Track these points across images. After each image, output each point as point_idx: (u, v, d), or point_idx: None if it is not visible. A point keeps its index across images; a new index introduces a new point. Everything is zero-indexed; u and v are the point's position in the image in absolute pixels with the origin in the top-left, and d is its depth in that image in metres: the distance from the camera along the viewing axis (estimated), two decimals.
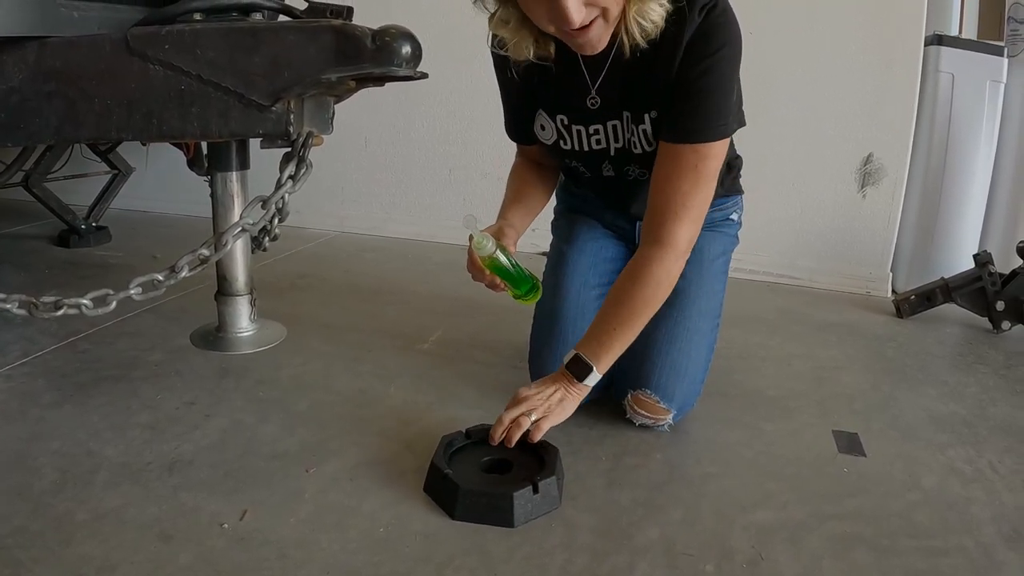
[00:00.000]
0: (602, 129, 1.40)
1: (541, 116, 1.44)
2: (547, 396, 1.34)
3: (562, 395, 1.34)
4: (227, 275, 1.77)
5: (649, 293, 1.32)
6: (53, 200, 2.64)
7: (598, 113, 1.39)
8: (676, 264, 1.33)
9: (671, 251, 1.31)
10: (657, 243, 1.31)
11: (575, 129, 1.42)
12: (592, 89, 1.37)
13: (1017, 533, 1.20)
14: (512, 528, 1.15)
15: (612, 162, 1.46)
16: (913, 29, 2.46)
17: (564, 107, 1.41)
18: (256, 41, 1.26)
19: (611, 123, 1.39)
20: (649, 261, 1.32)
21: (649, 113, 1.34)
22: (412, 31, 1.28)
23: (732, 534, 1.16)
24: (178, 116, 1.30)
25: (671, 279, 1.33)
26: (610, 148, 1.43)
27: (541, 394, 1.34)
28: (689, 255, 1.34)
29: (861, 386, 1.76)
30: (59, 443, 1.33)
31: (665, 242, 1.31)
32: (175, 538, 1.08)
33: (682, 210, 1.30)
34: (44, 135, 1.33)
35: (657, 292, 1.32)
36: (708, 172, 1.30)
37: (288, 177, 1.35)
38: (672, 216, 1.30)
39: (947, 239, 2.58)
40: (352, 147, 2.97)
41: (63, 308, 1.33)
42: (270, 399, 1.54)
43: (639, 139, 1.38)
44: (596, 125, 1.40)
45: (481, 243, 1.32)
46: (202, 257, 1.36)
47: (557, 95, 1.40)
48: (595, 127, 1.40)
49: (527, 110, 1.47)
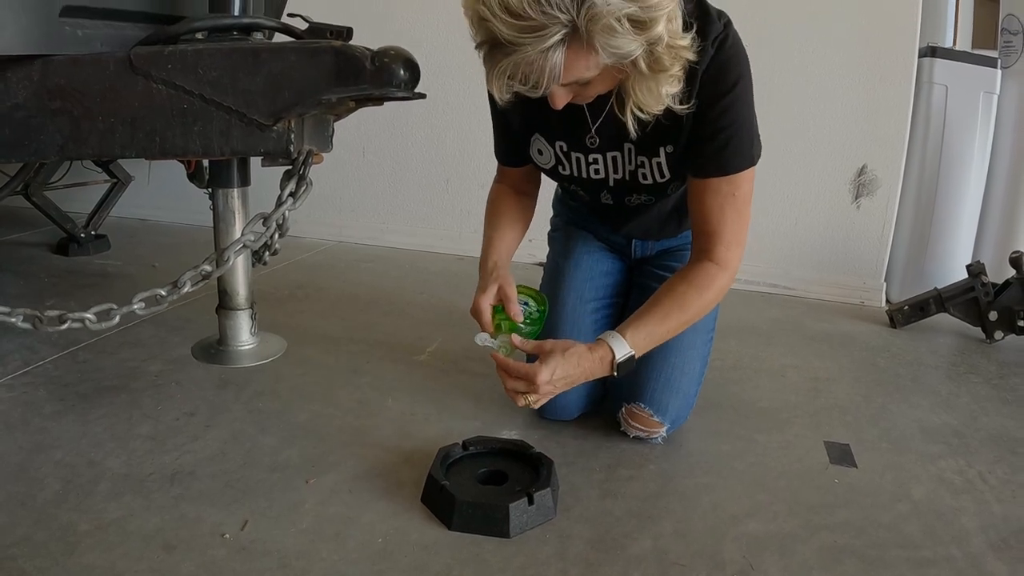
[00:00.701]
0: (601, 159, 1.41)
1: (539, 140, 1.44)
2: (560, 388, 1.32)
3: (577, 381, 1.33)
4: (228, 289, 1.79)
5: (706, 304, 1.37)
6: (52, 208, 2.65)
7: (597, 148, 1.40)
8: (728, 285, 1.38)
9: (727, 273, 1.36)
10: (715, 263, 1.35)
11: (574, 156, 1.43)
12: (592, 128, 1.38)
13: (1005, 543, 1.22)
14: (508, 538, 1.17)
15: (611, 192, 1.47)
16: (907, 41, 2.49)
17: (562, 135, 1.41)
18: (258, 62, 1.28)
19: (611, 154, 1.40)
20: (713, 276, 1.35)
21: (665, 147, 1.35)
22: (410, 52, 1.30)
23: (724, 545, 1.18)
24: (181, 134, 1.32)
25: (722, 295, 1.39)
26: (609, 179, 1.44)
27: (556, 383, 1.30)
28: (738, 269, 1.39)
29: (854, 397, 1.78)
30: (61, 453, 1.35)
31: (723, 264, 1.35)
32: (178, 548, 1.10)
33: (732, 236, 1.35)
34: (49, 151, 1.35)
35: (711, 305, 1.38)
36: (744, 197, 1.34)
37: (289, 194, 1.37)
38: (723, 243, 1.34)
39: (941, 250, 2.60)
40: (350, 157, 2.99)
41: (67, 322, 1.34)
42: (269, 410, 1.55)
43: (651, 171, 1.39)
44: (595, 155, 1.41)
45: (507, 350, 1.38)
46: (204, 273, 1.38)
47: (555, 124, 1.40)
48: (594, 156, 1.41)
49: (522, 135, 1.46)
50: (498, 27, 1.00)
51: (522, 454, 1.33)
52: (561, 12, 0.99)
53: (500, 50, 1.04)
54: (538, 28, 0.99)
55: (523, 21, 0.99)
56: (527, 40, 1.00)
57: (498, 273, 1.43)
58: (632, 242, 1.65)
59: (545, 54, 1.02)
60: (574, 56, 1.04)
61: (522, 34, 1.00)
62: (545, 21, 0.99)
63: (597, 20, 1.00)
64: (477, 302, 1.39)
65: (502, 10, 0.99)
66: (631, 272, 1.68)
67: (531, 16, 0.99)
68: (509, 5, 0.99)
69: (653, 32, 1.04)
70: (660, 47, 1.07)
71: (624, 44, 1.03)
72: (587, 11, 0.99)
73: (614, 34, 1.02)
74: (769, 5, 2.52)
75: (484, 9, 1.01)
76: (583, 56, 1.05)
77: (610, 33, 1.01)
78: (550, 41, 1.00)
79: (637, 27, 1.03)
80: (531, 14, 0.99)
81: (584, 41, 1.02)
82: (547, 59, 1.02)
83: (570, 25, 1.00)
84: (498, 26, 1.00)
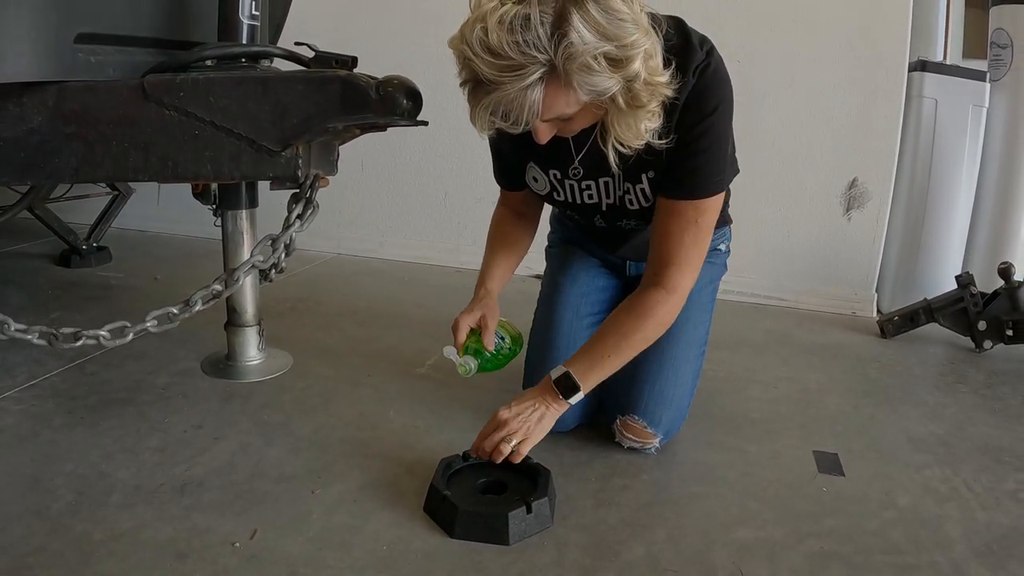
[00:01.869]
0: (594, 185, 1.45)
1: (533, 169, 1.49)
2: (526, 417, 1.35)
3: (542, 413, 1.36)
4: (237, 307, 1.82)
5: (648, 332, 1.37)
6: (55, 220, 2.67)
7: (584, 176, 1.44)
8: (677, 308, 1.38)
9: (675, 296, 1.36)
10: (662, 287, 1.36)
11: (568, 183, 1.47)
12: (575, 160, 1.42)
13: (989, 549, 1.26)
14: (507, 546, 1.21)
15: (604, 217, 1.51)
16: (897, 55, 2.53)
17: (554, 164, 1.46)
18: (267, 90, 1.33)
19: (602, 180, 1.44)
20: (654, 303, 1.36)
21: (646, 173, 1.38)
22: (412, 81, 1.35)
23: (714, 551, 1.22)
24: (192, 159, 1.36)
25: (669, 321, 1.39)
26: (602, 203, 1.48)
27: (521, 415, 1.35)
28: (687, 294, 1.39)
29: (843, 408, 1.82)
30: (73, 465, 1.38)
31: (670, 288, 1.36)
32: (190, 557, 1.14)
33: (685, 261, 1.35)
34: (63, 175, 1.39)
35: (656, 331, 1.38)
36: (707, 224, 1.36)
37: (296, 217, 1.42)
38: (676, 266, 1.35)
39: (931, 261, 2.64)
40: (349, 171, 3.00)
41: (82, 339, 1.38)
42: (275, 423, 1.59)
43: (636, 197, 1.43)
44: (588, 181, 1.45)
45: (466, 370, 1.50)
46: (215, 292, 1.42)
47: (545, 154, 1.44)
48: (587, 183, 1.45)
49: (517, 161, 1.51)
50: (480, 66, 1.05)
51: (520, 464, 1.36)
52: (539, 52, 1.03)
53: (482, 88, 1.08)
54: (517, 67, 1.04)
55: (503, 60, 1.04)
56: (507, 79, 1.05)
57: (487, 301, 1.52)
58: (627, 262, 1.69)
59: (524, 92, 1.06)
60: (553, 94, 1.08)
61: (502, 73, 1.04)
62: (524, 61, 1.03)
63: (574, 59, 1.04)
64: (458, 319, 1.49)
65: (484, 50, 1.04)
66: (626, 288, 1.71)
67: (511, 56, 1.03)
68: (490, 45, 1.03)
69: (630, 70, 1.08)
70: (638, 84, 1.11)
71: (601, 82, 1.08)
72: (564, 50, 1.03)
73: (591, 72, 1.06)
74: (761, 20, 2.57)
75: (467, 49, 1.05)
76: (562, 94, 1.09)
77: (587, 71, 1.05)
78: (529, 80, 1.05)
79: (614, 65, 1.07)
80: (511, 54, 1.03)
81: (562, 80, 1.06)
82: (526, 97, 1.07)
83: (548, 64, 1.04)
84: (480, 65, 1.04)
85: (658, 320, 1.37)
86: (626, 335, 1.37)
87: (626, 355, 1.38)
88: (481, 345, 1.50)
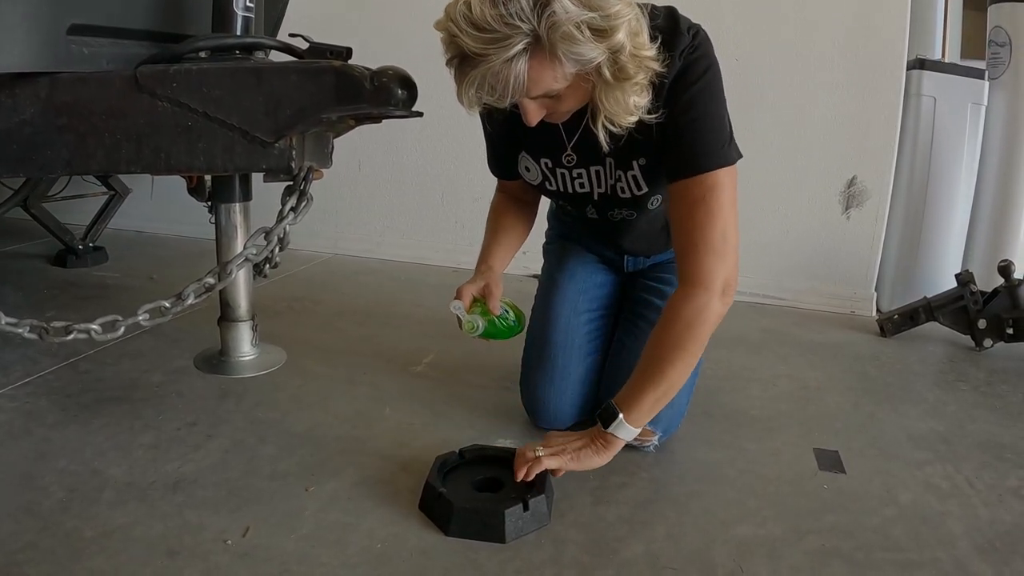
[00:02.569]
0: (585, 173, 1.44)
1: (525, 159, 1.48)
2: (568, 443, 1.33)
3: (583, 444, 1.33)
4: (230, 302, 1.81)
5: (676, 333, 1.27)
6: (51, 220, 2.67)
7: (576, 164, 1.44)
8: (708, 303, 1.26)
9: (700, 289, 1.26)
10: (687, 282, 1.29)
11: (559, 172, 1.46)
12: (568, 147, 1.41)
13: (991, 545, 1.25)
14: (504, 544, 1.19)
15: (595, 206, 1.50)
16: (895, 54, 2.53)
17: (545, 152, 1.45)
18: (260, 81, 1.31)
19: (594, 168, 1.43)
20: (678, 300, 1.29)
21: (638, 160, 1.37)
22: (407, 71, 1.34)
23: (714, 549, 1.21)
24: (185, 151, 1.35)
25: (704, 319, 1.27)
26: (593, 193, 1.47)
27: (565, 442, 1.34)
28: (729, 293, 1.29)
29: (843, 405, 1.81)
30: (65, 462, 1.37)
31: (694, 280, 1.28)
32: (181, 554, 1.13)
33: (703, 245, 1.27)
34: (55, 167, 1.37)
35: (687, 332, 1.27)
36: (719, 202, 1.27)
37: (290, 209, 1.40)
38: (694, 253, 1.28)
39: (930, 259, 2.63)
40: (346, 171, 3.01)
41: (73, 333, 1.37)
42: (269, 420, 1.58)
43: (627, 184, 1.41)
44: (579, 169, 1.44)
45: (472, 326, 1.46)
46: (207, 285, 1.41)
47: (537, 142, 1.44)
48: (578, 171, 1.44)
49: (510, 151, 1.51)
50: (465, 41, 1.06)
51: None
52: (523, 22, 1.04)
53: (468, 63, 1.09)
54: (502, 39, 1.04)
55: (487, 34, 1.05)
56: (491, 50, 1.05)
57: (489, 274, 1.51)
58: (624, 257, 1.68)
59: (510, 64, 1.07)
60: (539, 66, 1.09)
61: (487, 45, 1.05)
62: (508, 32, 1.04)
63: (557, 28, 1.04)
64: (461, 287, 1.48)
65: (468, 24, 1.05)
66: (624, 284, 1.71)
67: (495, 28, 1.04)
68: (474, 19, 1.04)
69: (614, 40, 1.08)
70: (623, 55, 1.11)
71: (586, 51, 1.08)
72: (547, 19, 1.04)
73: (575, 42, 1.06)
74: (759, 19, 2.57)
75: (452, 26, 1.07)
76: (548, 66, 1.09)
77: (571, 41, 1.06)
78: (513, 50, 1.05)
79: (598, 35, 1.07)
80: (495, 26, 1.04)
81: (547, 50, 1.07)
82: (511, 68, 1.07)
83: (532, 35, 1.05)
84: (465, 40, 1.06)
85: (684, 319, 1.27)
86: (655, 345, 1.30)
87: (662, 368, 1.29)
88: (487, 310, 1.48)
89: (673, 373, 1.28)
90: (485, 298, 1.49)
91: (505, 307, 1.52)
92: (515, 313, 1.55)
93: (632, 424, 1.30)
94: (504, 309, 1.51)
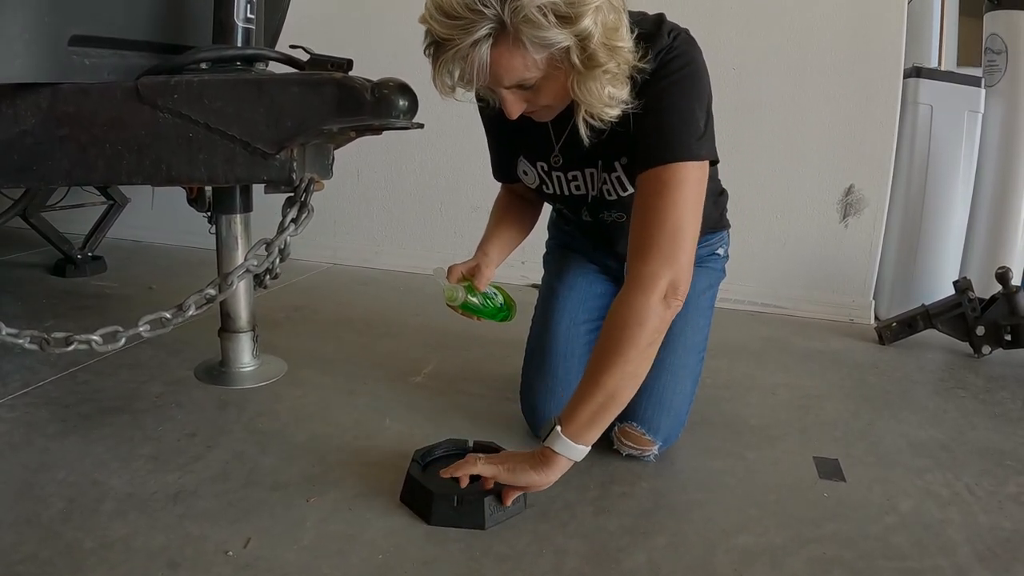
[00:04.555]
0: (580, 175, 1.45)
1: (523, 163, 1.50)
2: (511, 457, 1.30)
3: (523, 458, 1.27)
4: (231, 312, 1.81)
5: (612, 339, 1.22)
6: (50, 230, 2.66)
7: (563, 167, 1.45)
8: (645, 305, 1.20)
9: (639, 292, 1.21)
10: (628, 283, 1.24)
11: (555, 175, 1.47)
12: (556, 147, 1.43)
13: (992, 553, 1.25)
14: (483, 530, 1.23)
15: (588, 208, 1.52)
16: (892, 62, 2.55)
17: (539, 156, 1.47)
18: (261, 92, 1.32)
19: (588, 170, 1.44)
20: (616, 302, 1.24)
21: (619, 160, 1.39)
22: (408, 83, 1.34)
23: (715, 558, 1.21)
24: (186, 162, 1.35)
25: (639, 321, 1.20)
26: (588, 195, 1.48)
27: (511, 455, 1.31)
28: (675, 297, 1.22)
29: (843, 414, 1.81)
30: (65, 473, 1.36)
31: (634, 282, 1.23)
32: (182, 566, 1.12)
33: (650, 243, 1.22)
34: (56, 177, 1.37)
35: (622, 336, 1.21)
36: (677, 198, 1.22)
37: (291, 221, 1.40)
38: (640, 252, 1.24)
39: (928, 266, 2.65)
40: (345, 180, 3.01)
41: (74, 344, 1.37)
42: (270, 431, 1.58)
43: (612, 186, 1.43)
44: (574, 171, 1.45)
45: (452, 295, 1.45)
46: (208, 296, 1.41)
47: (531, 147, 1.46)
48: (573, 173, 1.46)
49: (509, 155, 1.53)
50: (435, 27, 1.11)
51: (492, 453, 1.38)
52: (487, 7, 1.08)
53: (439, 48, 1.14)
54: (467, 24, 1.09)
55: (454, 20, 1.09)
56: (457, 35, 1.10)
57: (484, 259, 1.53)
58: (623, 265, 1.68)
59: (474, 47, 1.10)
60: (506, 51, 1.12)
61: (453, 31, 1.10)
62: (473, 17, 1.08)
63: (520, 12, 1.07)
64: (453, 265, 1.51)
65: (438, 12, 1.10)
66: None
67: (461, 15, 1.09)
68: (443, 7, 1.09)
69: (580, 26, 1.10)
70: (592, 43, 1.12)
71: (550, 36, 1.10)
72: (511, 4, 1.07)
73: (539, 27, 1.09)
74: (756, 28, 2.58)
75: (426, 14, 1.12)
76: (516, 53, 1.12)
77: (535, 26, 1.08)
78: (478, 34, 1.09)
79: (563, 21, 1.09)
80: (461, 12, 1.08)
81: (512, 36, 1.10)
82: (476, 52, 1.11)
83: (496, 19, 1.09)
84: (435, 26, 1.11)
85: (622, 322, 1.21)
86: (595, 352, 1.25)
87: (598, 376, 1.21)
88: (472, 286, 1.49)
89: (610, 381, 1.20)
90: (473, 277, 1.51)
91: (495, 290, 1.54)
92: (504, 298, 1.56)
93: (571, 437, 1.22)
94: (493, 292, 1.53)
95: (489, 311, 1.53)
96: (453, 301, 1.47)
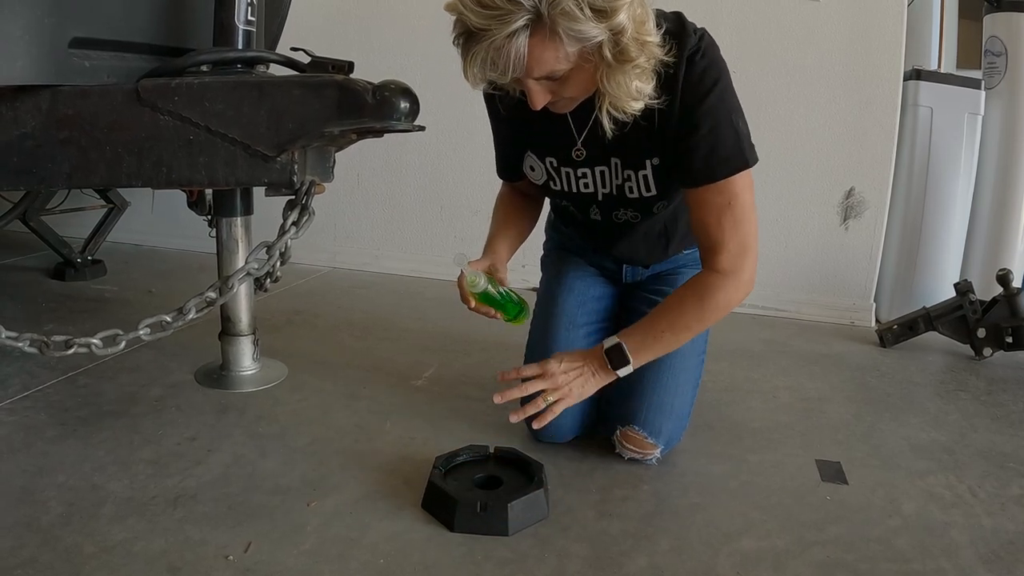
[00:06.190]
0: (590, 173, 1.45)
1: (530, 158, 1.50)
2: (572, 377, 1.40)
3: (586, 378, 1.40)
4: (231, 316, 1.81)
5: (707, 314, 1.37)
6: (49, 234, 2.66)
7: (584, 161, 1.45)
8: (738, 294, 1.38)
9: (736, 281, 1.36)
10: (723, 272, 1.36)
11: (564, 171, 1.47)
12: (578, 141, 1.42)
13: (995, 555, 1.25)
14: (507, 536, 1.23)
15: (599, 206, 1.51)
16: (892, 65, 2.54)
17: (552, 150, 1.46)
18: (262, 95, 1.31)
19: (599, 168, 1.44)
20: (717, 287, 1.36)
21: (651, 160, 1.39)
22: (409, 85, 1.34)
23: (718, 562, 1.20)
24: (187, 165, 1.34)
25: (730, 307, 1.38)
26: (598, 193, 1.48)
27: (568, 374, 1.40)
28: (752, 286, 1.39)
29: (844, 416, 1.81)
30: (64, 476, 1.36)
31: (731, 272, 1.36)
32: (182, 570, 1.12)
33: (735, 246, 1.35)
34: (57, 180, 1.37)
35: (715, 315, 1.38)
36: (743, 206, 1.35)
37: (291, 224, 1.40)
38: (726, 253, 1.35)
39: (929, 269, 2.64)
40: (345, 184, 3.01)
41: (74, 347, 1.37)
42: (270, 435, 1.57)
43: (636, 184, 1.43)
44: (584, 169, 1.45)
45: (473, 281, 1.41)
46: (209, 300, 1.41)
47: (544, 139, 1.46)
48: (583, 171, 1.46)
49: (517, 150, 1.52)
50: (469, 16, 1.10)
51: (513, 460, 1.39)
52: None
53: (472, 39, 1.13)
54: (503, 14, 1.08)
55: (490, 10, 1.09)
56: (493, 25, 1.09)
57: (496, 256, 1.53)
58: (623, 267, 1.68)
59: (511, 39, 1.10)
60: (540, 43, 1.12)
61: (489, 21, 1.09)
62: (511, 7, 1.08)
63: (557, 4, 1.08)
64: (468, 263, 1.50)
65: (473, 1, 1.09)
66: (622, 296, 1.71)
67: (497, 5, 1.08)
68: None
69: (615, 21, 1.11)
70: (625, 37, 1.13)
71: (587, 30, 1.11)
72: None
73: (576, 20, 1.09)
74: (756, 31, 2.58)
75: (458, 3, 1.11)
76: (549, 44, 1.12)
77: (571, 18, 1.09)
78: (514, 25, 1.09)
79: (599, 15, 1.10)
80: (498, 3, 1.08)
81: (547, 28, 1.10)
82: (512, 43, 1.10)
83: (534, 11, 1.09)
84: (469, 15, 1.10)
85: (717, 303, 1.37)
86: (683, 313, 1.38)
87: (681, 336, 1.40)
88: (492, 279, 1.47)
89: (685, 340, 1.41)
90: (492, 273, 1.50)
91: (509, 291, 1.51)
92: (519, 299, 1.54)
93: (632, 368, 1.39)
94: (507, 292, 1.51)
95: (508, 305, 1.50)
96: (474, 287, 1.43)
